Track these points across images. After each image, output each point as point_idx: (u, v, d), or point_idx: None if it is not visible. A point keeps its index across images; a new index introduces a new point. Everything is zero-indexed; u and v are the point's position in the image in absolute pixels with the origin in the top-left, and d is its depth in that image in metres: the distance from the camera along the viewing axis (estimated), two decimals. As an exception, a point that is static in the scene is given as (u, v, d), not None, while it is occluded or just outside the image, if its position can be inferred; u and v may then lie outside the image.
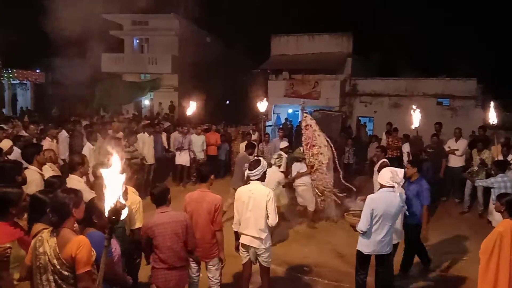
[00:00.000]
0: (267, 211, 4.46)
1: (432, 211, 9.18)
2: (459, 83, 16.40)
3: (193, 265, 4.46)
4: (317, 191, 7.64)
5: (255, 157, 5.01)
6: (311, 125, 7.71)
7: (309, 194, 7.92)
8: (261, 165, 4.57)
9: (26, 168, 4.78)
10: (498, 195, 4.41)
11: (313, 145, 7.66)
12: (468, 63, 15.83)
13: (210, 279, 4.53)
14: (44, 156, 5.21)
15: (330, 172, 7.78)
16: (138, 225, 4.28)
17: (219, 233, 4.42)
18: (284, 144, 9.01)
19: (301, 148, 8.12)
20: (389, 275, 5.07)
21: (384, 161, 7.52)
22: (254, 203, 4.48)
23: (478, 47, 21.05)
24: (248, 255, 4.67)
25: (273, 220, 4.46)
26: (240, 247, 4.71)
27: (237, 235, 4.73)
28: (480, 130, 10.35)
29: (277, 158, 7.58)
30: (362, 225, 4.63)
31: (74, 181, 4.61)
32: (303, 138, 7.74)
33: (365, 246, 4.74)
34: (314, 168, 7.56)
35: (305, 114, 7.92)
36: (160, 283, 3.90)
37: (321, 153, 7.61)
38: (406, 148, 10.14)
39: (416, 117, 8.18)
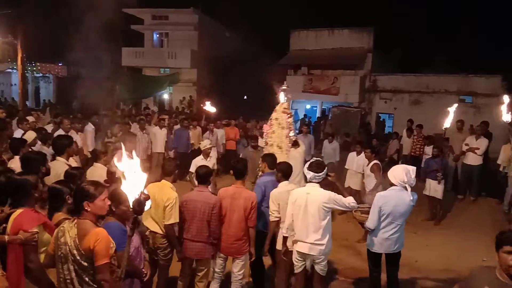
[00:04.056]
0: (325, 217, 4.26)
1: (449, 209, 9.08)
2: (482, 80, 16.04)
3: (220, 260, 4.47)
4: None
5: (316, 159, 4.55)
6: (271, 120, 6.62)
7: None
8: (326, 168, 4.38)
9: (54, 158, 4.90)
10: None
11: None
12: (493, 59, 15.45)
13: (233, 273, 4.50)
14: (74, 149, 5.33)
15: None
16: (172, 220, 4.22)
17: (252, 230, 4.41)
18: None
19: None
20: (396, 274, 4.87)
21: (375, 163, 7.18)
22: (313, 206, 4.23)
23: (503, 43, 20.53)
24: (304, 264, 4.44)
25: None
26: (296, 256, 4.42)
27: (285, 240, 4.47)
28: (483, 124, 10.10)
29: None
30: (370, 223, 4.52)
31: (98, 169, 4.73)
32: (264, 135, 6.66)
33: (373, 243, 4.64)
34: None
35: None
36: (184, 251, 4.38)
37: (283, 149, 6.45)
38: (429, 151, 9.91)
39: (449, 119, 7.95)
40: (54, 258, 2.89)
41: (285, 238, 4.45)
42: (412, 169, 4.46)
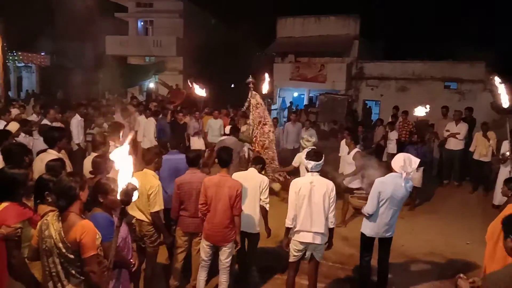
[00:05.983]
0: (329, 206, 4.28)
1: (434, 194, 9.24)
2: (467, 66, 16.16)
3: (207, 248, 4.49)
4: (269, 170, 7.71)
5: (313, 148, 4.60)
6: (261, 104, 7.94)
7: None
8: (323, 157, 4.38)
9: (45, 151, 4.82)
10: (506, 180, 4.22)
11: (265, 124, 7.87)
12: (477, 46, 15.57)
13: (221, 261, 4.52)
14: (64, 142, 5.21)
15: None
16: (157, 208, 4.35)
17: (237, 218, 4.40)
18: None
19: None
20: (387, 258, 4.97)
21: (358, 152, 7.13)
22: (317, 195, 4.26)
23: (487, 29, 20.73)
24: (302, 253, 4.45)
25: (334, 220, 4.36)
26: (295, 246, 4.42)
27: (288, 231, 4.46)
28: (466, 111, 10.29)
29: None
30: (369, 208, 4.60)
31: None
32: (251, 117, 7.88)
33: (369, 228, 4.73)
34: (265, 147, 7.58)
35: (254, 92, 8.01)
36: (183, 227, 4.71)
37: (272, 132, 7.92)
38: (393, 135, 10.04)
39: (420, 109, 8.14)
40: (38, 251, 2.85)
41: (288, 229, 4.46)
42: (414, 160, 4.49)
